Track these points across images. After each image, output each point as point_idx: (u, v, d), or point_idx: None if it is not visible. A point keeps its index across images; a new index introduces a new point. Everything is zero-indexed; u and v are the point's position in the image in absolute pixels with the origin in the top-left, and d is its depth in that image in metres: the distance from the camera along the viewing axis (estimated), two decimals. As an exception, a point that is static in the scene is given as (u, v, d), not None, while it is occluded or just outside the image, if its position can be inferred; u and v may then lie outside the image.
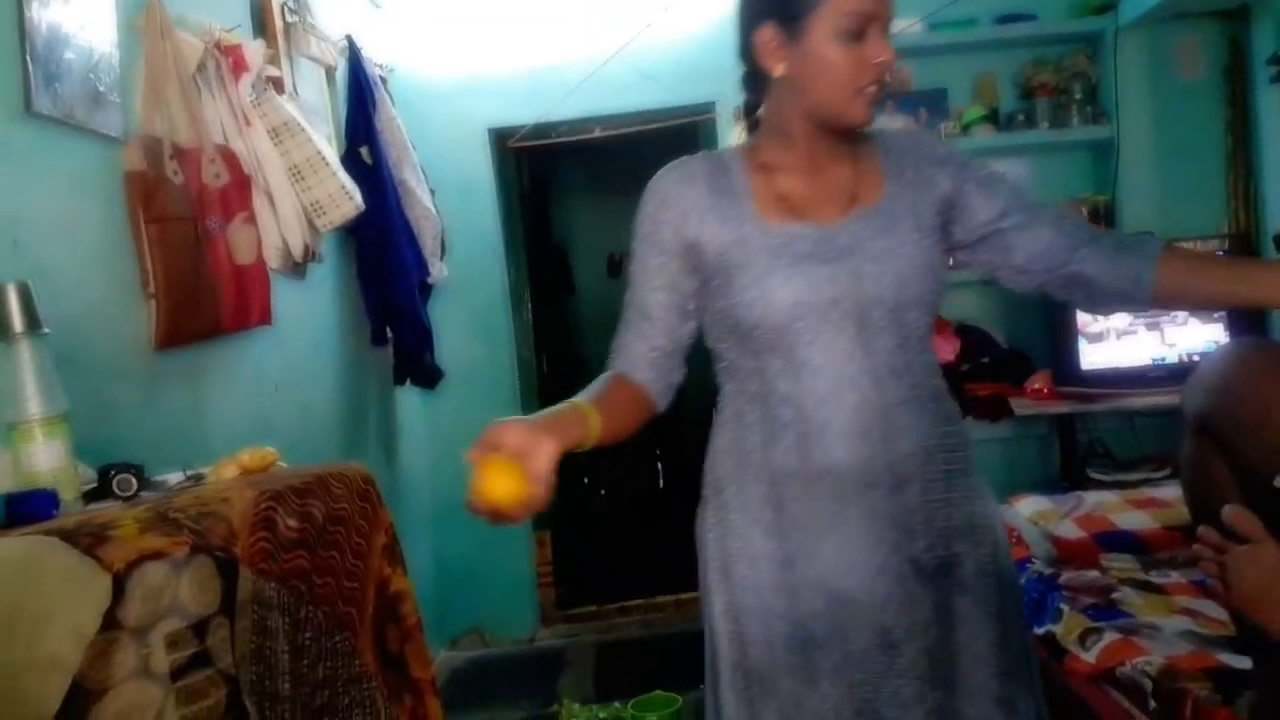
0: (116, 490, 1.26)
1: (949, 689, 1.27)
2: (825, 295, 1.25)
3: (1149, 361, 3.15)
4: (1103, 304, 1.35)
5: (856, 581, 1.26)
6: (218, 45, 2.26)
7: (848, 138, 1.33)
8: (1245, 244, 3.26)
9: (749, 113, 1.40)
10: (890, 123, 3.66)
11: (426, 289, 3.47)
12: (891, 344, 1.27)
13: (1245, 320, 3.07)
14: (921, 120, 3.67)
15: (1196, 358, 3.10)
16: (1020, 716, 1.29)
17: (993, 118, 3.63)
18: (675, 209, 1.31)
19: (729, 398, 1.36)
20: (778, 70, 1.27)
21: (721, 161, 1.35)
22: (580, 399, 1.23)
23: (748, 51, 1.32)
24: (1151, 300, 1.29)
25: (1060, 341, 3.24)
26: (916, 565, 1.27)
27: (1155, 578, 2.15)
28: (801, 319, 1.25)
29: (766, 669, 1.28)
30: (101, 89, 1.86)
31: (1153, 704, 1.65)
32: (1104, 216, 3.55)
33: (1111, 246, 1.32)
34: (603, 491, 5.59)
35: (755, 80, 1.35)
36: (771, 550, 1.29)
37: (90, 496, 1.29)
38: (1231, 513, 1.17)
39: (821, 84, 1.24)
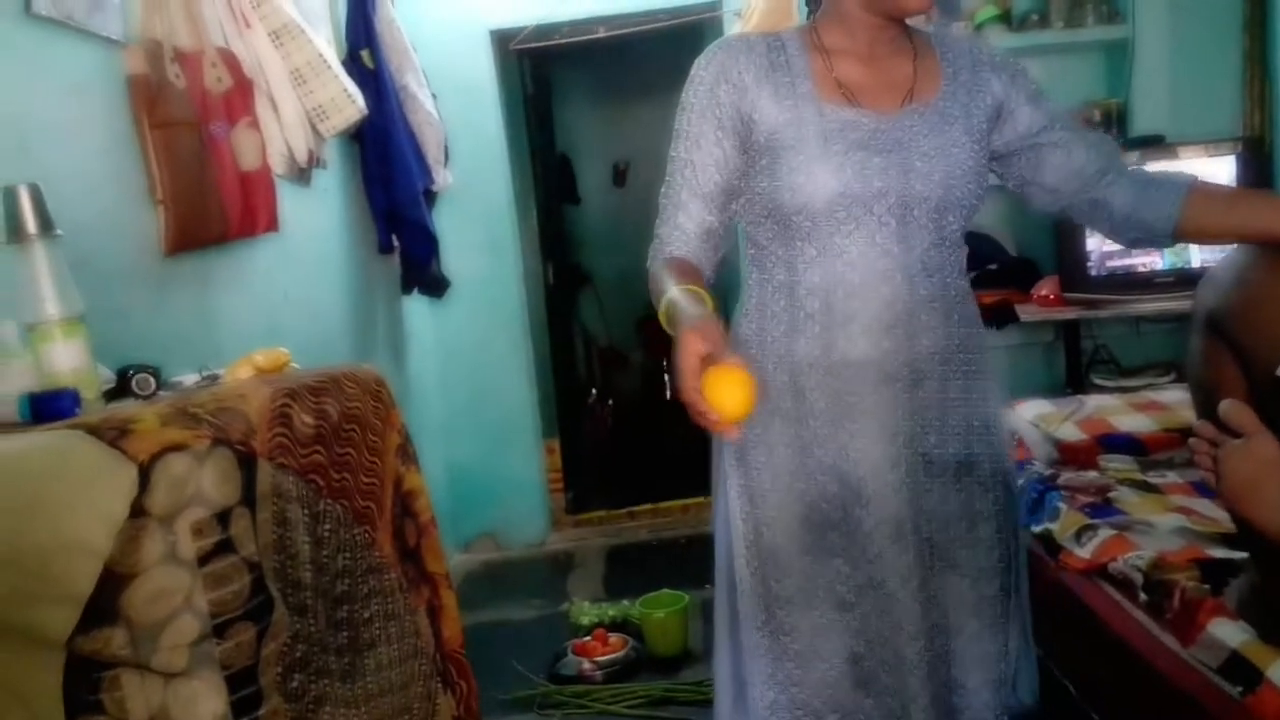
0: (135, 389, 1.29)
1: (953, 572, 1.33)
2: (874, 186, 1.25)
3: (1158, 267, 3.15)
4: (1125, 233, 1.38)
5: (870, 469, 1.30)
6: (214, -56, 2.21)
7: (905, 30, 1.33)
8: (1258, 148, 3.22)
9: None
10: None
11: (431, 196, 3.46)
12: (928, 242, 1.29)
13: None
14: (933, 18, 3.59)
15: (1207, 263, 3.10)
16: (1011, 603, 1.37)
17: (1005, 17, 3.55)
18: (733, 82, 1.28)
19: (754, 288, 1.37)
20: None
21: (780, 39, 1.33)
22: (690, 286, 1.19)
23: None
24: (1174, 236, 1.32)
25: (1069, 248, 3.23)
26: (928, 460, 1.31)
27: (1152, 478, 2.19)
28: (845, 208, 1.25)
29: (781, 547, 1.33)
30: (99, -11, 1.83)
31: (1143, 596, 1.70)
32: (1116, 120, 3.51)
33: (1142, 179, 1.36)
34: (610, 400, 5.65)
35: None
36: (790, 436, 1.32)
37: (110, 396, 1.31)
38: (1229, 407, 1.18)
39: None
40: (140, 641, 0.92)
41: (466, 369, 3.92)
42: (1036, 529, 2.11)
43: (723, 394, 1.04)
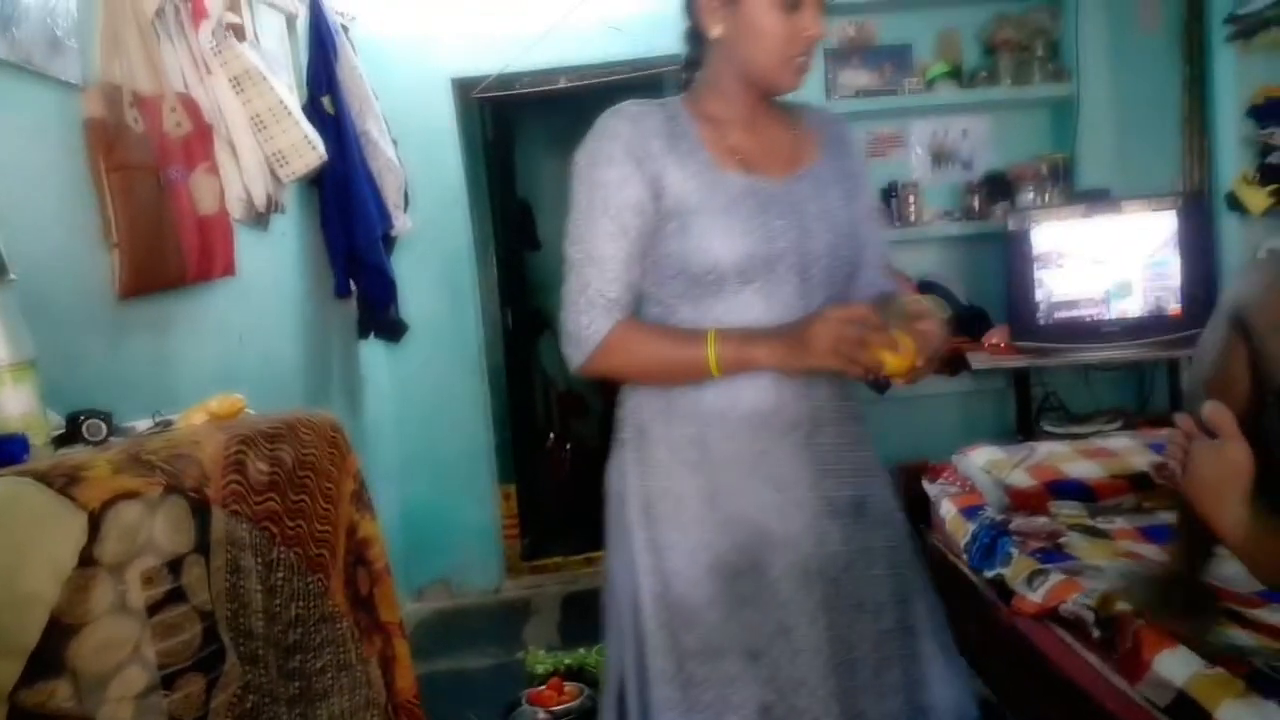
0: (86, 435, 1.27)
1: (858, 610, 1.37)
2: (777, 246, 1.33)
3: (1105, 316, 3.23)
4: None
5: (776, 516, 1.35)
6: (177, -10, 2.22)
7: (776, 102, 1.42)
8: (1198, 202, 3.33)
9: (688, 67, 1.46)
10: (855, 78, 3.68)
11: (390, 241, 3.46)
12: (822, 297, 1.37)
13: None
14: (886, 76, 3.70)
15: (1149, 314, 3.19)
16: (918, 637, 1.41)
17: (956, 74, 3.66)
18: (640, 150, 1.33)
19: None
20: (715, 31, 1.35)
21: (667, 109, 1.39)
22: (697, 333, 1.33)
23: (690, 8, 1.39)
24: None
25: (1018, 297, 3.30)
26: (830, 503, 1.37)
27: (1101, 524, 2.23)
28: (751, 268, 1.32)
29: (691, 598, 1.34)
30: (59, 34, 1.83)
31: (1096, 633, 1.72)
32: (1063, 174, 3.61)
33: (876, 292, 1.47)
34: (567, 446, 5.63)
35: (695, 37, 1.42)
36: (697, 487, 1.36)
37: (60, 442, 1.29)
38: (1212, 410, 1.21)
39: (755, 49, 1.32)
40: (86, 693, 0.91)
41: (423, 413, 3.89)
42: (989, 574, 2.14)
43: (901, 358, 1.22)
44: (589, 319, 1.35)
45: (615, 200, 1.33)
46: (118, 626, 0.93)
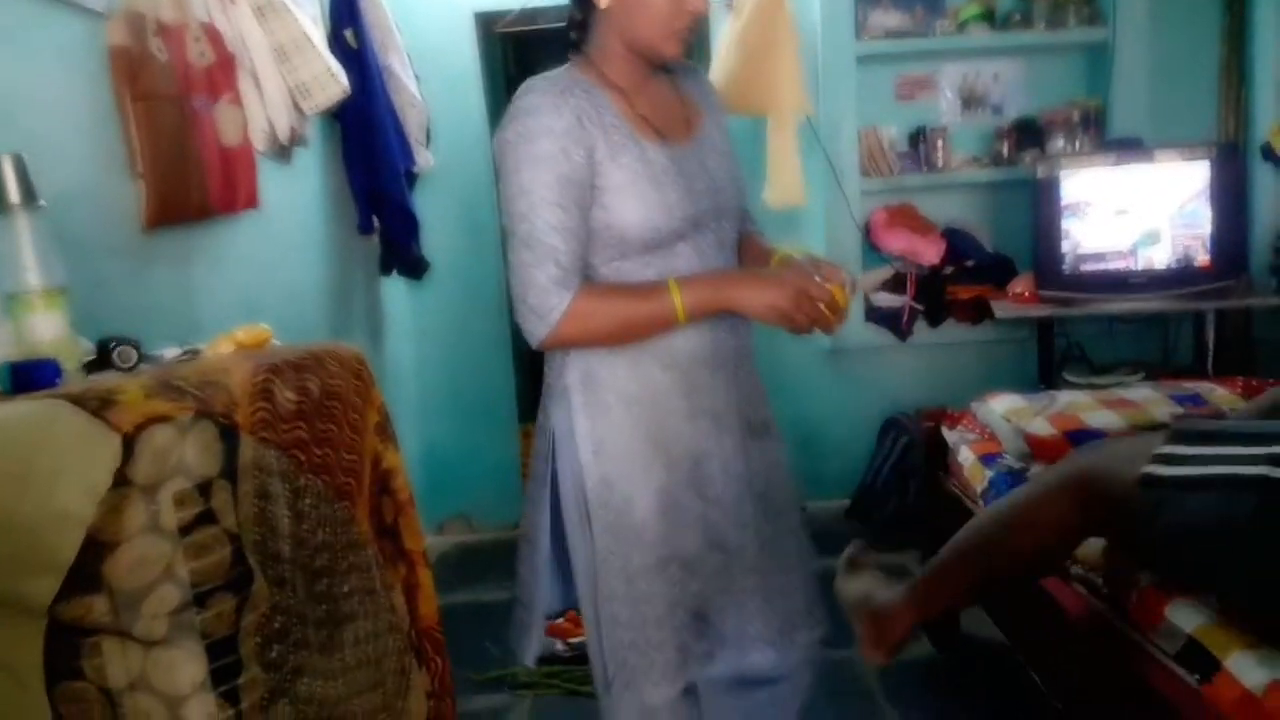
0: (117, 361, 1.28)
1: (779, 516, 1.60)
2: (702, 205, 1.47)
3: (1132, 267, 3.19)
4: None
5: (715, 444, 1.52)
6: (200, -83, 2.19)
7: (661, 68, 1.53)
8: (1232, 154, 3.27)
9: (572, 28, 1.53)
10: (885, 19, 3.61)
11: (412, 178, 3.45)
12: (729, 246, 1.56)
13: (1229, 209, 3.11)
14: (917, 17, 3.63)
15: (1178, 264, 3.15)
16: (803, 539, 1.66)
17: (989, 16, 3.58)
18: (571, 125, 1.39)
19: None
20: (603, 1, 1.44)
21: (578, 83, 1.45)
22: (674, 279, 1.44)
23: None
24: None
25: (1045, 246, 3.27)
26: (750, 426, 1.57)
27: (1120, 473, 2.23)
28: (685, 228, 1.45)
29: (640, 526, 1.48)
30: (83, -41, 1.82)
31: (1105, 589, 1.74)
32: (1095, 121, 3.55)
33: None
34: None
35: (580, 8, 1.50)
36: (645, 427, 1.49)
37: (90, 368, 1.31)
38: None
39: (641, 19, 1.42)
40: (122, 609, 0.93)
41: (444, 351, 3.91)
42: (1006, 521, 2.15)
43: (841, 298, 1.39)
44: (548, 292, 1.40)
45: (557, 172, 1.38)
46: (151, 545, 0.95)
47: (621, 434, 1.48)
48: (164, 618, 0.96)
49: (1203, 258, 3.14)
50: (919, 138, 3.70)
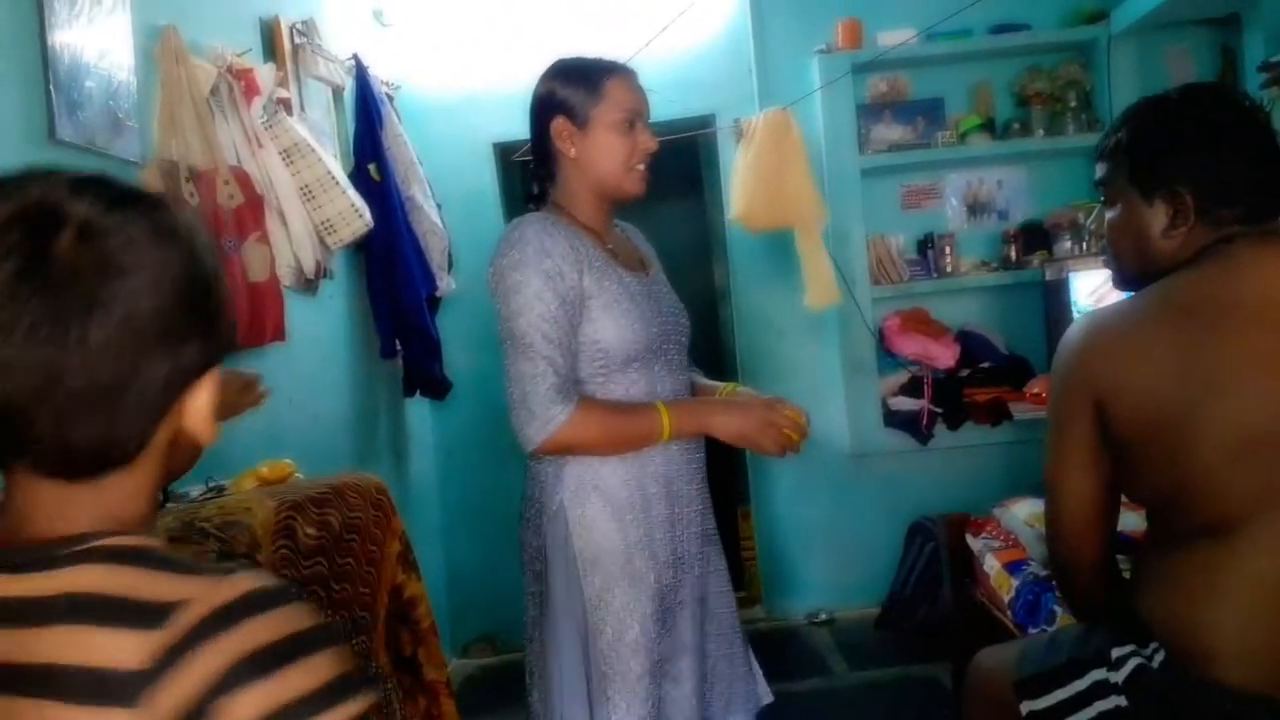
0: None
1: (711, 621, 1.75)
2: (668, 328, 1.66)
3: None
4: None
5: (685, 550, 1.67)
6: (230, 69, 2.33)
7: (617, 213, 1.73)
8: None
9: (534, 188, 1.74)
10: (888, 133, 3.73)
11: (435, 302, 3.54)
12: (685, 370, 1.74)
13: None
14: (919, 129, 3.74)
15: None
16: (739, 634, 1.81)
17: (989, 126, 3.69)
18: (566, 259, 1.54)
19: None
20: (570, 152, 1.63)
21: (560, 223, 1.61)
22: (664, 403, 1.61)
23: (543, 141, 1.66)
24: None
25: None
26: (704, 533, 1.73)
27: (1148, 577, 2.20)
28: (656, 344, 1.62)
29: (637, 635, 1.58)
30: (120, 115, 1.94)
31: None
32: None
33: None
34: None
35: (545, 164, 1.69)
36: (637, 538, 1.60)
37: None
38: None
39: (606, 162, 1.62)
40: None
41: (468, 469, 3.94)
42: (1034, 631, 2.11)
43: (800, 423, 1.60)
44: (550, 400, 1.51)
45: (555, 292, 1.52)
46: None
47: (616, 544, 1.58)
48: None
49: (1218, 353, 3.14)
50: (927, 244, 3.77)
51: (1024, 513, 2.52)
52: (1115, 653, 1.36)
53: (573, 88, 1.62)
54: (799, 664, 3.46)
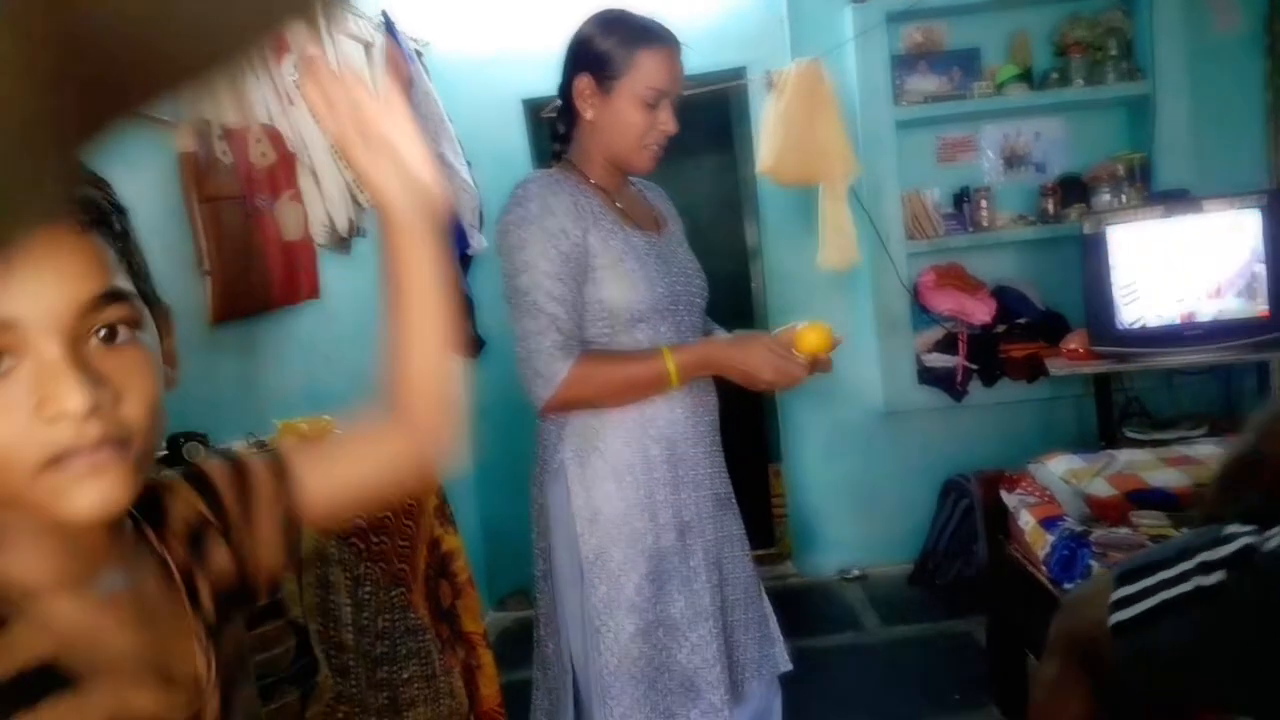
0: (186, 457, 1.35)
1: (730, 586, 1.72)
2: (678, 288, 1.64)
3: (1195, 319, 3.15)
4: None
5: (694, 512, 1.65)
6: (261, 27, 2.32)
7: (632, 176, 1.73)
8: (1285, 199, 3.23)
9: (557, 138, 1.72)
10: (923, 84, 3.66)
11: (467, 260, 3.55)
12: (699, 331, 1.72)
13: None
14: (955, 80, 3.67)
15: (1231, 315, 3.10)
16: (761, 599, 1.81)
17: (1026, 77, 3.61)
18: (569, 216, 1.54)
19: None
20: (588, 114, 1.60)
21: (569, 181, 1.61)
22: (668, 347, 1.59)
23: (567, 91, 1.63)
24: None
25: (1097, 300, 3.24)
26: (717, 496, 1.70)
27: (1186, 533, 2.18)
28: (667, 306, 1.61)
29: (632, 590, 1.59)
30: (154, 75, 1.94)
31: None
32: (1140, 175, 3.54)
33: None
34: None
35: (569, 114, 1.66)
36: (638, 499, 1.60)
37: (161, 464, 1.37)
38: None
39: (619, 134, 1.59)
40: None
41: (501, 426, 3.95)
42: (1068, 586, 2.11)
43: (810, 340, 1.56)
44: (553, 357, 1.51)
45: (558, 248, 1.51)
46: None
47: (614, 504, 1.58)
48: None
49: (1260, 307, 3.09)
50: (963, 198, 3.71)
51: (1060, 469, 2.51)
52: (1229, 530, 1.35)
53: (607, 47, 1.57)
54: (831, 620, 3.48)
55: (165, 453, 1.40)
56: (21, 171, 0.35)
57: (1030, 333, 3.63)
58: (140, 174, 1.89)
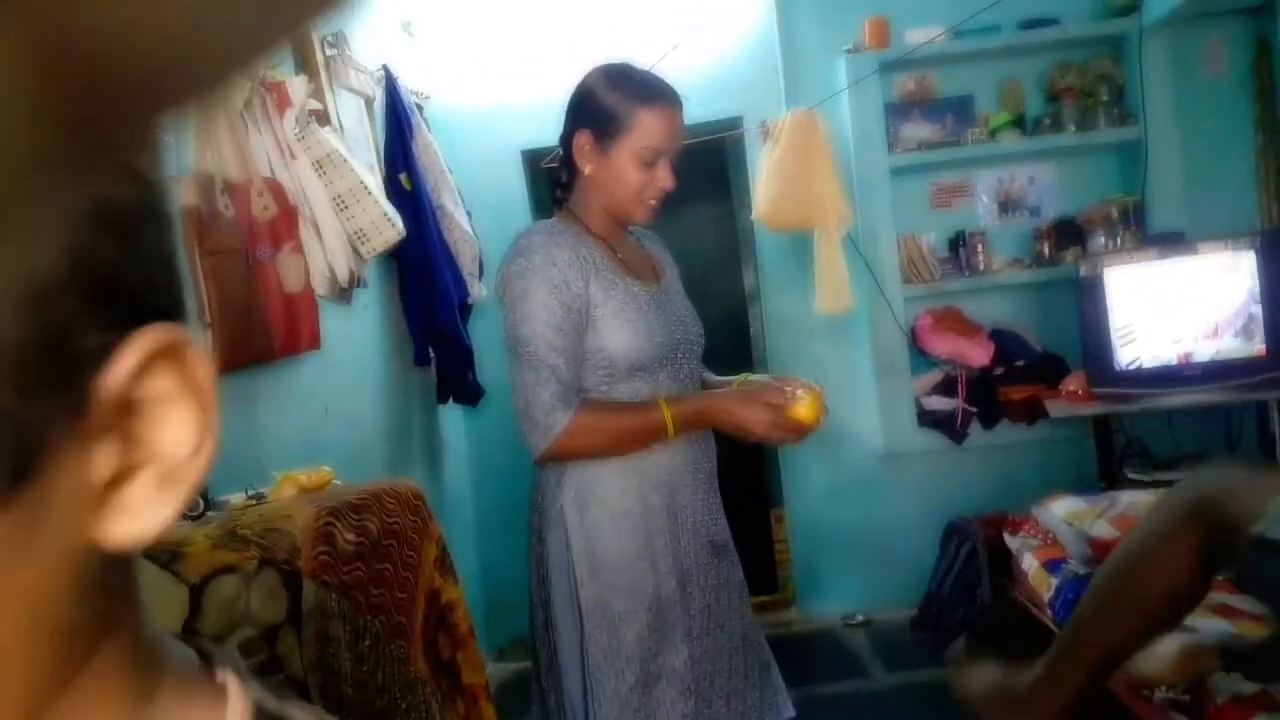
0: (185, 511, 1.35)
1: (721, 634, 1.69)
2: (676, 337, 1.65)
3: (1192, 359, 3.16)
4: None
5: (692, 559, 1.65)
6: (262, 83, 2.36)
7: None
8: (1278, 240, 3.25)
9: (558, 185, 1.74)
10: (917, 131, 3.71)
11: (466, 309, 3.56)
12: (696, 379, 1.74)
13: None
14: (948, 127, 3.72)
15: (1223, 357, 3.11)
16: (760, 648, 1.79)
17: (1019, 123, 3.66)
18: (571, 267, 1.55)
19: None
20: (587, 169, 1.62)
21: (570, 231, 1.62)
22: (666, 397, 1.60)
23: (568, 143, 1.64)
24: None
25: (1094, 342, 3.26)
26: (712, 544, 1.69)
27: (1190, 575, 2.17)
28: (663, 354, 1.61)
29: (633, 640, 1.58)
30: (157, 131, 1.97)
31: (1187, 700, 1.68)
32: (1134, 218, 3.57)
33: None
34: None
35: (569, 167, 1.68)
36: (637, 547, 1.60)
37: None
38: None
39: (617, 190, 1.61)
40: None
41: (501, 474, 3.96)
42: (1073, 630, 2.09)
43: (805, 411, 1.56)
44: (552, 408, 1.51)
45: (559, 299, 1.52)
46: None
47: (614, 553, 1.58)
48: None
49: (1258, 346, 3.10)
50: (959, 242, 3.74)
51: (1063, 511, 2.50)
52: None
53: (608, 104, 1.58)
54: (835, 666, 3.44)
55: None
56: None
57: (1029, 375, 3.64)
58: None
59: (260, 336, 2.20)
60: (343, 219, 2.55)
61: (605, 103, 1.58)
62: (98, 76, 0.28)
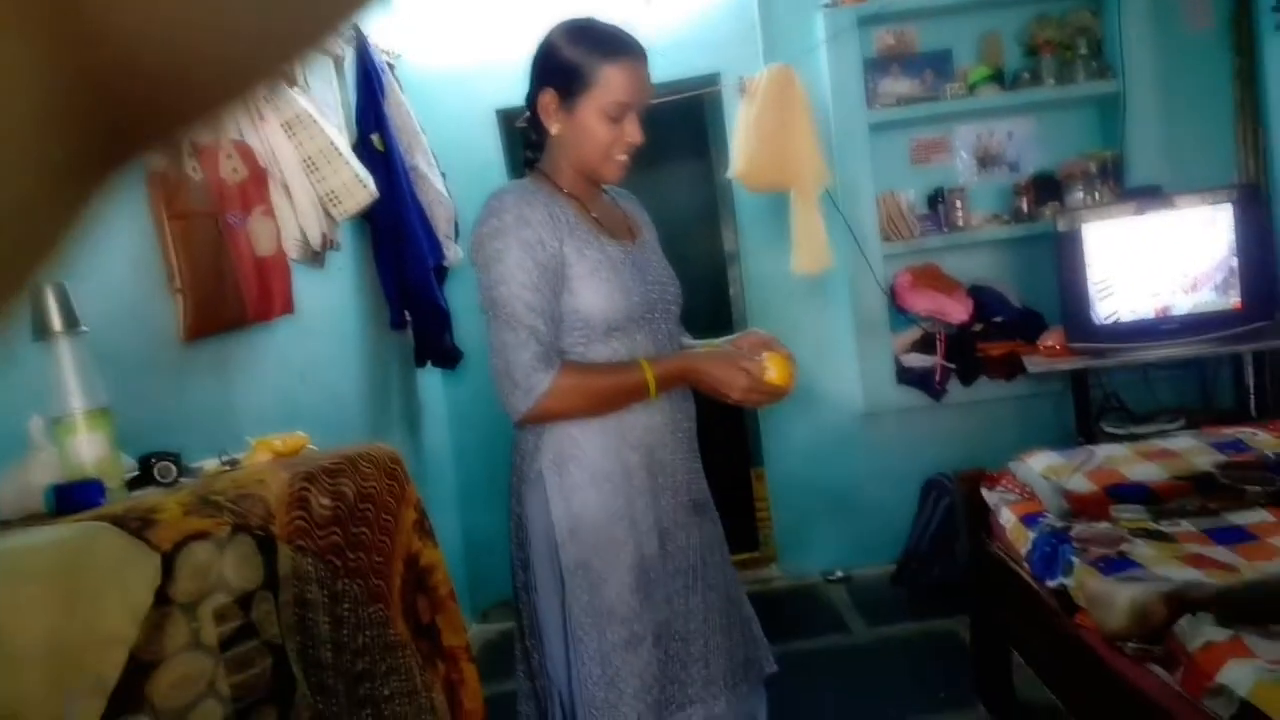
0: (158, 477, 1.33)
1: (711, 591, 1.70)
2: (653, 296, 1.64)
3: (1170, 313, 3.17)
4: None
5: (671, 518, 1.64)
6: (229, 42, 2.30)
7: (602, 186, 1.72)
8: (1255, 195, 3.26)
9: (529, 145, 1.71)
10: (895, 86, 3.68)
11: (442, 272, 3.53)
12: (675, 339, 1.73)
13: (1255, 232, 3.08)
14: (927, 82, 3.69)
15: (1206, 308, 3.13)
16: (742, 604, 1.80)
17: (998, 77, 3.64)
18: (545, 227, 1.53)
19: None
20: (553, 129, 1.60)
21: (543, 191, 1.60)
22: (646, 359, 1.60)
23: (533, 107, 1.62)
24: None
25: (1072, 297, 3.26)
26: (693, 502, 1.70)
27: (1165, 527, 2.19)
28: (639, 313, 1.60)
29: (614, 599, 1.58)
30: (120, 91, 1.92)
31: (1159, 653, 1.70)
32: (1112, 172, 3.56)
33: None
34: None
35: (537, 127, 1.65)
36: (618, 507, 1.59)
37: (133, 484, 1.35)
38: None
39: (585, 148, 1.59)
40: (165, 727, 0.95)
41: (481, 437, 3.96)
42: (1051, 583, 2.11)
43: (776, 371, 1.58)
44: (533, 369, 1.50)
45: (534, 259, 1.51)
46: (193, 662, 0.97)
47: (594, 513, 1.57)
48: (207, 733, 0.98)
49: (1234, 300, 3.12)
50: (937, 199, 3.73)
51: (1039, 465, 2.51)
52: None
53: (571, 60, 1.55)
54: (816, 622, 3.48)
55: (136, 473, 1.38)
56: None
57: (1007, 331, 3.65)
58: (109, 194, 1.87)
59: (232, 301, 2.17)
60: (314, 180, 2.51)
61: (568, 59, 1.55)
62: (130, 85, 0.28)
